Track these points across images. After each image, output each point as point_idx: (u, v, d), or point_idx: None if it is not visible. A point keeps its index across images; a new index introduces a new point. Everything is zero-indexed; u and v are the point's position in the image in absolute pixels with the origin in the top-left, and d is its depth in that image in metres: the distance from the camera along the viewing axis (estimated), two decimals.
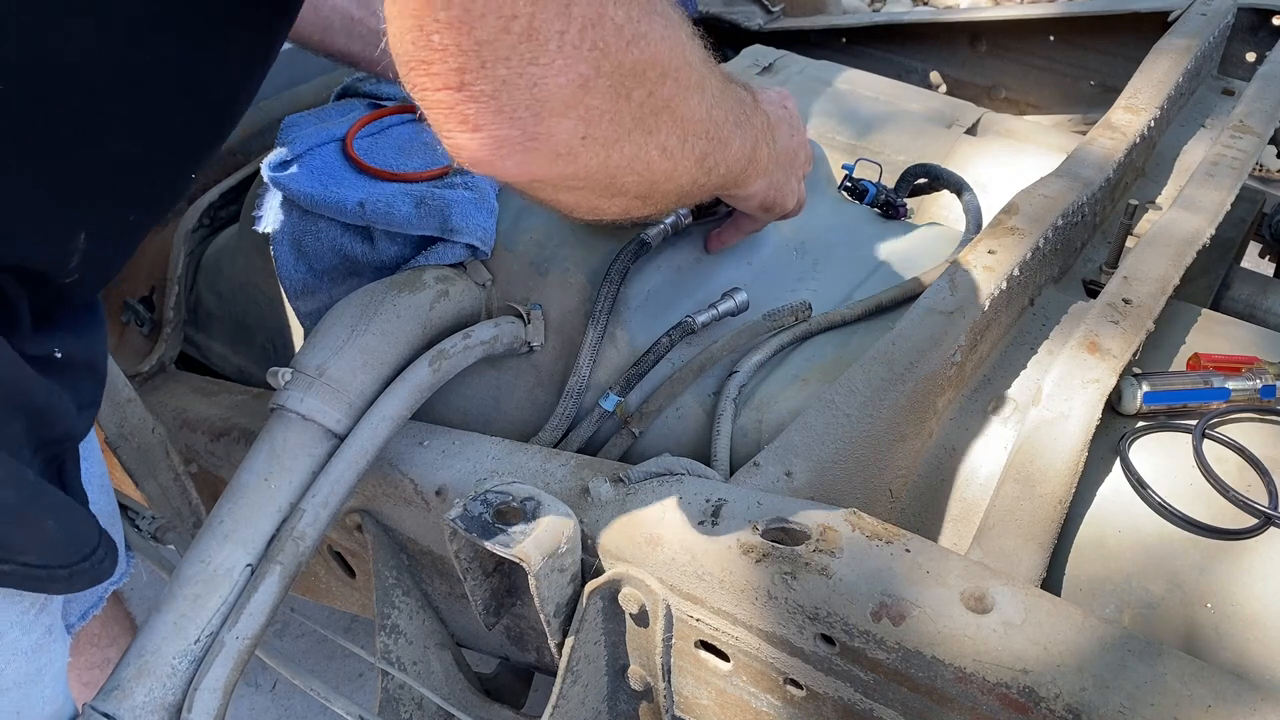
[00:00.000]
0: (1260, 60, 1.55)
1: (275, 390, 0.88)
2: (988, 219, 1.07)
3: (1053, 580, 0.84)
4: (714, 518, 0.79)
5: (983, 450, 0.91)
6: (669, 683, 0.87)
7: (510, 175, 0.61)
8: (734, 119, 0.76)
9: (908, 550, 0.74)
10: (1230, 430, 0.89)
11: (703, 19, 1.88)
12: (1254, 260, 1.56)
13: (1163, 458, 0.88)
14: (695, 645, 0.83)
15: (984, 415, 0.93)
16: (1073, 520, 0.85)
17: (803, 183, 0.99)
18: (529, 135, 0.57)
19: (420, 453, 0.94)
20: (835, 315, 1.00)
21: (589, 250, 1.02)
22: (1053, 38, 1.72)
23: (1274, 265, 1.48)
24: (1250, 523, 0.83)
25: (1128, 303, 0.95)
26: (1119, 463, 0.88)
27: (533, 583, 0.78)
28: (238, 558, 0.82)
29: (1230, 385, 0.90)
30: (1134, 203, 1.06)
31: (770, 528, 0.77)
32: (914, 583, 0.71)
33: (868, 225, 1.16)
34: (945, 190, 1.26)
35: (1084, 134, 1.35)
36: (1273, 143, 1.33)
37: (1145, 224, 1.17)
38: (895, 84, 1.57)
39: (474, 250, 1.02)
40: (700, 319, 0.97)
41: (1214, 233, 1.05)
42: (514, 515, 0.80)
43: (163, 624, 0.79)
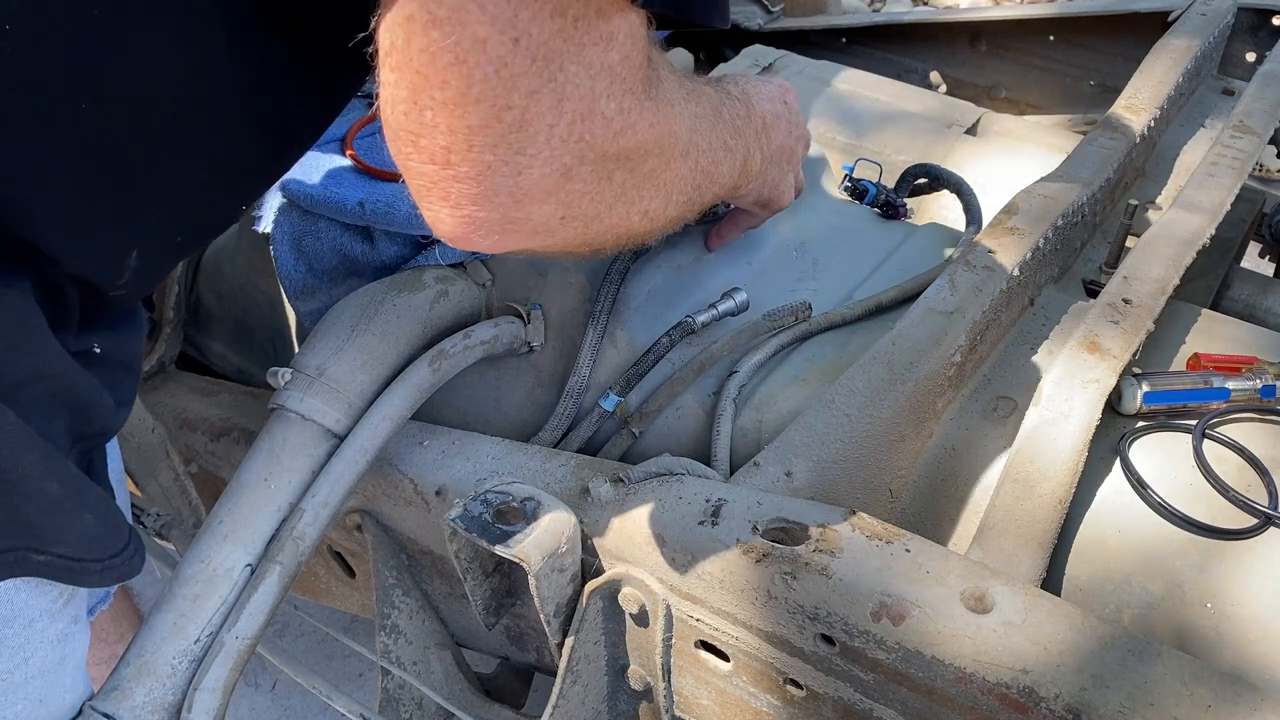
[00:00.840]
0: (1260, 60, 1.55)
1: (275, 390, 0.88)
2: (988, 219, 1.07)
3: (1053, 580, 0.84)
4: (714, 518, 0.79)
5: (982, 450, 0.91)
6: (669, 683, 0.87)
7: (485, 249, 0.62)
8: (724, 143, 0.77)
9: (908, 550, 0.74)
10: (1230, 430, 0.89)
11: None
12: (1254, 260, 1.56)
13: (1163, 458, 0.88)
14: (695, 645, 0.83)
15: (984, 415, 0.93)
16: (1073, 520, 0.85)
17: (800, 172, 0.99)
18: (508, 219, 0.58)
19: (420, 453, 0.94)
20: (835, 315, 1.00)
21: None
22: (1053, 38, 1.72)
23: (1274, 265, 1.48)
24: (1250, 523, 0.83)
25: (1128, 303, 0.95)
26: (1119, 463, 0.88)
27: (533, 583, 0.78)
28: (237, 558, 0.82)
29: (1230, 385, 0.90)
30: (1134, 203, 1.05)
31: (770, 528, 0.77)
32: (914, 583, 0.71)
33: (868, 225, 1.16)
34: (945, 190, 1.26)
35: (1084, 134, 1.35)
36: (1273, 143, 1.33)
37: (1145, 224, 1.17)
38: (895, 84, 1.57)
39: (474, 250, 1.02)
40: (700, 319, 0.97)
41: (1214, 233, 1.05)
42: (514, 515, 0.80)
43: (162, 624, 0.79)
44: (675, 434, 0.97)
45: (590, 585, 0.81)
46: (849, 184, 1.22)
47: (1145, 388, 0.90)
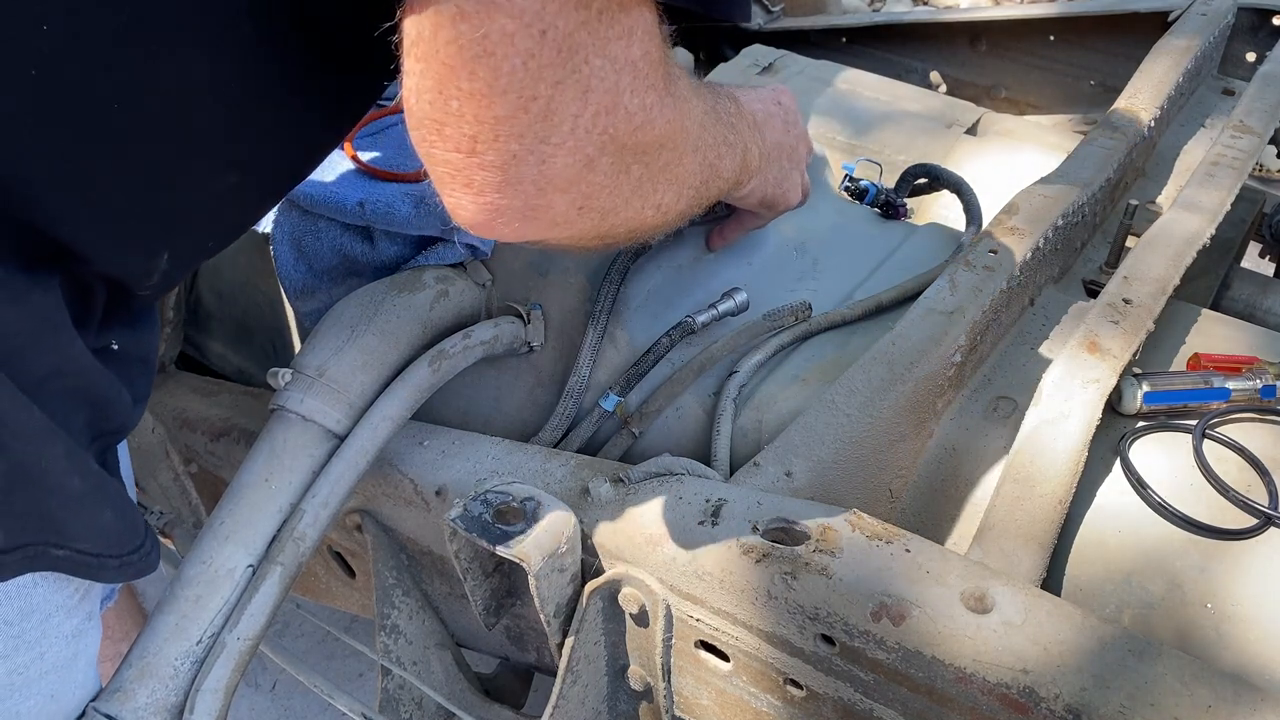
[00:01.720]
0: (1260, 60, 1.55)
1: (275, 390, 0.89)
2: (988, 219, 1.07)
3: (1053, 580, 0.84)
4: (714, 518, 0.79)
5: (983, 450, 0.91)
6: (669, 683, 0.87)
7: (504, 238, 0.63)
8: (725, 138, 0.78)
9: (908, 550, 0.74)
10: (1230, 430, 0.89)
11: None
12: (1254, 260, 1.56)
13: (1163, 458, 0.88)
14: (695, 645, 0.83)
15: (984, 415, 0.93)
16: (1073, 520, 0.85)
17: (805, 174, 0.99)
18: (529, 206, 0.59)
19: (420, 453, 0.94)
20: (835, 315, 1.00)
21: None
22: (1053, 38, 1.72)
23: (1274, 265, 1.48)
24: (1250, 523, 0.83)
25: (1128, 303, 0.95)
26: (1119, 463, 0.88)
27: (533, 583, 0.78)
28: (239, 558, 0.82)
29: (1230, 385, 0.90)
30: (1134, 203, 1.06)
31: (770, 528, 0.77)
32: (914, 583, 0.72)
33: (868, 225, 1.16)
34: (945, 190, 1.26)
35: (1084, 134, 1.35)
36: (1273, 143, 1.33)
37: (1145, 224, 1.17)
38: (895, 84, 1.57)
39: (474, 250, 1.02)
40: (700, 319, 0.97)
41: (1214, 233, 1.05)
42: (514, 515, 0.80)
43: (164, 625, 0.79)
44: (675, 434, 0.97)
45: (590, 585, 0.81)
46: (849, 184, 1.22)
47: (1145, 388, 0.90)
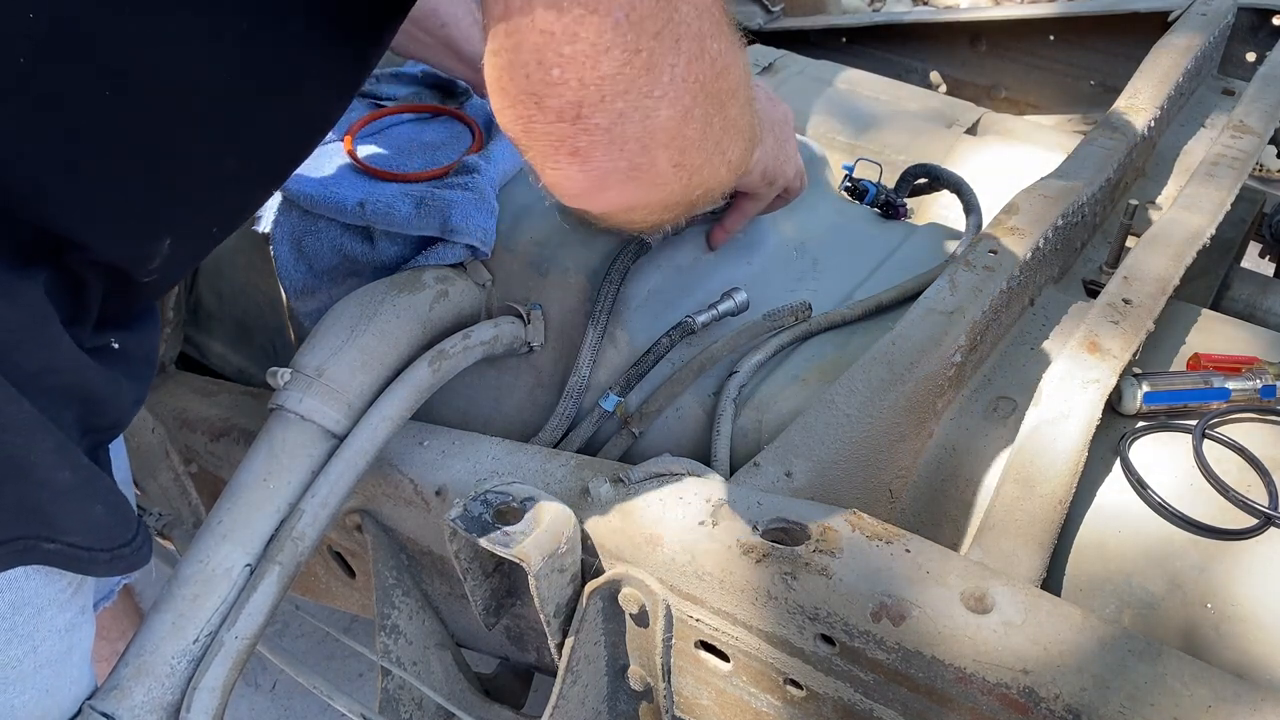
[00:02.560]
0: (1260, 60, 1.55)
1: (275, 390, 0.88)
2: (988, 219, 1.07)
3: (1053, 580, 0.84)
4: (714, 518, 0.79)
5: (983, 450, 0.91)
6: (669, 683, 0.87)
7: (607, 205, 0.63)
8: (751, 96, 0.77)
9: (908, 550, 0.74)
10: (1230, 430, 0.89)
11: None
12: (1254, 260, 1.56)
13: (1163, 458, 0.88)
14: (695, 645, 0.82)
15: (984, 415, 0.93)
16: (1073, 520, 0.85)
17: (799, 157, 0.99)
18: (634, 166, 0.59)
19: (420, 453, 0.94)
20: (835, 315, 1.00)
21: (589, 250, 1.02)
22: (1053, 38, 1.72)
23: (1274, 265, 1.48)
24: (1250, 523, 0.83)
25: (1128, 303, 0.95)
26: (1119, 463, 0.88)
27: (533, 583, 0.78)
28: (236, 558, 0.82)
29: (1230, 385, 0.90)
30: (1134, 203, 1.05)
31: (770, 528, 0.77)
32: (914, 583, 0.71)
33: (868, 225, 1.16)
34: (945, 190, 1.26)
35: (1084, 134, 1.35)
36: (1273, 143, 1.33)
37: (1145, 224, 1.17)
38: (895, 84, 1.57)
39: (474, 250, 1.02)
40: (700, 319, 0.97)
41: (1214, 232, 1.05)
42: (514, 515, 0.80)
43: (161, 624, 0.79)
44: (675, 434, 0.97)
45: (590, 585, 0.81)
46: (849, 184, 1.22)
47: (1145, 388, 0.90)
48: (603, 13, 0.51)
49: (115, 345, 0.72)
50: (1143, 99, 1.26)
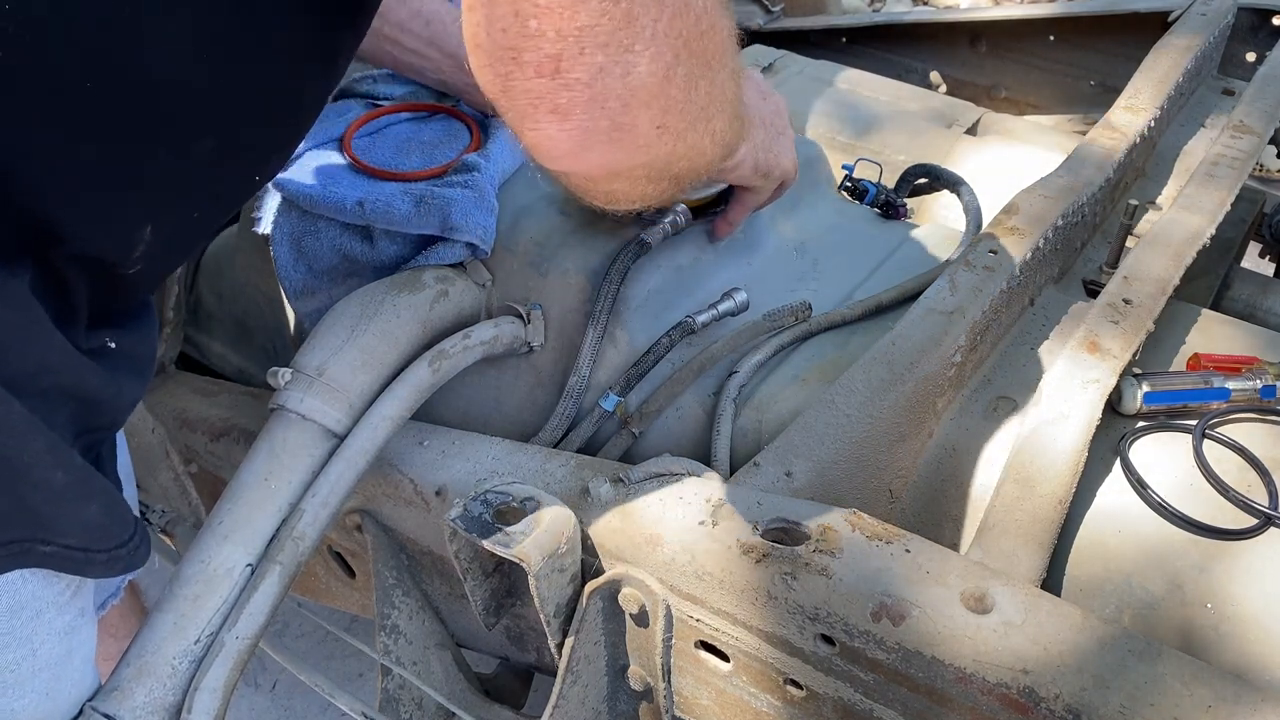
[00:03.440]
0: (1260, 60, 1.55)
1: (275, 390, 0.88)
2: (988, 219, 1.07)
3: (1053, 580, 0.84)
4: (714, 518, 0.79)
5: (983, 450, 0.91)
6: (669, 683, 0.87)
7: (589, 168, 0.61)
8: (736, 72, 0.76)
9: (908, 550, 0.74)
10: (1230, 430, 0.89)
11: None
12: (1254, 260, 1.56)
13: (1163, 458, 0.88)
14: (695, 645, 0.83)
15: (984, 415, 0.93)
16: (1073, 520, 0.85)
17: (792, 144, 0.99)
18: (616, 125, 0.57)
19: (420, 453, 0.94)
20: (835, 315, 1.00)
21: (589, 250, 1.02)
22: (1053, 38, 1.72)
23: (1274, 265, 1.48)
24: (1250, 523, 0.83)
25: (1128, 303, 0.95)
26: (1119, 463, 0.88)
27: (533, 583, 0.78)
28: (237, 558, 0.82)
29: (1230, 385, 0.90)
30: (1134, 203, 1.05)
31: (770, 528, 0.77)
32: (914, 583, 0.72)
33: (868, 225, 1.16)
34: (945, 190, 1.26)
35: (1084, 134, 1.35)
36: (1273, 143, 1.33)
37: (1145, 224, 1.17)
38: (895, 84, 1.57)
39: (474, 249, 1.02)
40: (700, 319, 0.97)
41: (1214, 233, 1.05)
42: (514, 515, 0.80)
43: (163, 624, 0.79)
44: (675, 434, 0.97)
45: (590, 585, 0.81)
46: (849, 184, 1.22)
47: (1145, 388, 0.90)
48: None
49: (112, 345, 0.71)
50: (1143, 99, 1.26)
